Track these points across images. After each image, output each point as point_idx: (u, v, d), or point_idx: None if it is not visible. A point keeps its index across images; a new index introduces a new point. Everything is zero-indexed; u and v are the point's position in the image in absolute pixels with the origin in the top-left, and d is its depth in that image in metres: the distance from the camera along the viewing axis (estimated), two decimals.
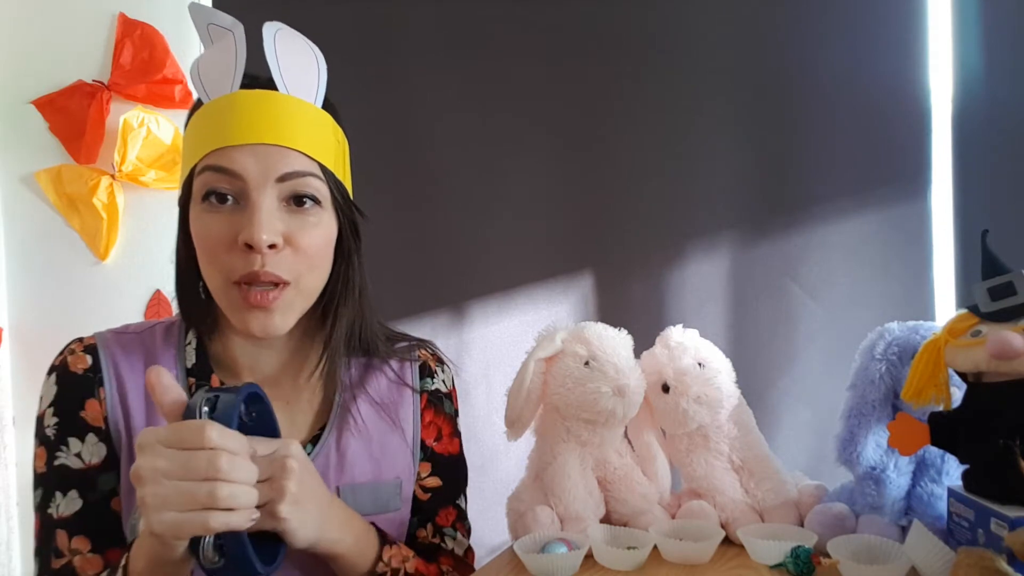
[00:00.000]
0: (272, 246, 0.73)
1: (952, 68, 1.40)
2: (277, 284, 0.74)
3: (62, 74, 1.74)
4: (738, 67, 1.51)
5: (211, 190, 0.74)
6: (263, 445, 0.66)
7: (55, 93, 1.74)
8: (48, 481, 0.78)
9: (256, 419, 0.69)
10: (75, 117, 1.72)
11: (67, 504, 0.77)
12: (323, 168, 0.77)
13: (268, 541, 0.67)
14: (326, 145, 0.78)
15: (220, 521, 0.58)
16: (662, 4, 1.53)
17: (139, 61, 1.72)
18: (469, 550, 0.93)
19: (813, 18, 1.47)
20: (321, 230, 0.77)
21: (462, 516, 0.93)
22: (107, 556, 0.77)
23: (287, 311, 0.76)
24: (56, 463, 0.77)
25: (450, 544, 0.90)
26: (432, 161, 1.62)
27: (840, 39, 1.46)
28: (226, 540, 0.60)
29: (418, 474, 0.89)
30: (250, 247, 0.72)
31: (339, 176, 0.80)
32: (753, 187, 1.51)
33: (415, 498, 0.89)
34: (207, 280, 0.77)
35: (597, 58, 1.56)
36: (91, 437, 0.78)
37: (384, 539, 0.79)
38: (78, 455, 0.78)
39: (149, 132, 1.71)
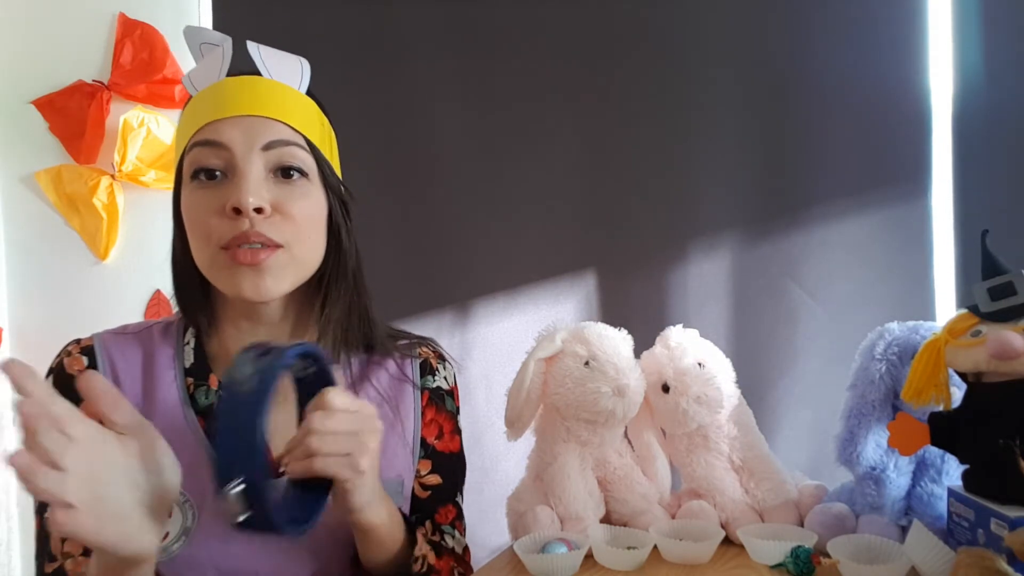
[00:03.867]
0: (259, 210, 0.73)
1: (952, 68, 1.40)
2: (268, 245, 0.74)
3: (62, 74, 1.74)
4: (739, 67, 1.51)
5: (200, 167, 0.75)
6: (349, 399, 0.68)
7: (55, 93, 1.74)
8: None
9: (314, 375, 0.70)
10: (75, 117, 1.72)
11: None
12: (309, 142, 0.79)
13: (307, 500, 0.68)
14: (311, 122, 0.80)
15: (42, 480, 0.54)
16: (663, 4, 1.53)
17: (139, 61, 1.72)
18: (466, 549, 0.93)
19: (814, 18, 1.47)
20: (310, 201, 0.78)
21: (460, 515, 0.93)
22: None
23: (279, 274, 0.76)
24: None
25: (450, 542, 0.90)
26: (433, 162, 1.62)
27: (840, 39, 1.46)
28: (251, 492, 0.60)
29: (418, 471, 0.89)
30: (238, 212, 0.73)
31: (326, 155, 0.81)
32: (754, 187, 1.51)
33: (414, 496, 0.89)
34: (197, 256, 0.77)
35: (598, 59, 1.56)
36: None
37: (413, 527, 0.80)
38: None
39: (149, 132, 1.71)
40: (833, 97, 1.46)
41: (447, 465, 0.91)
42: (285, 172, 0.76)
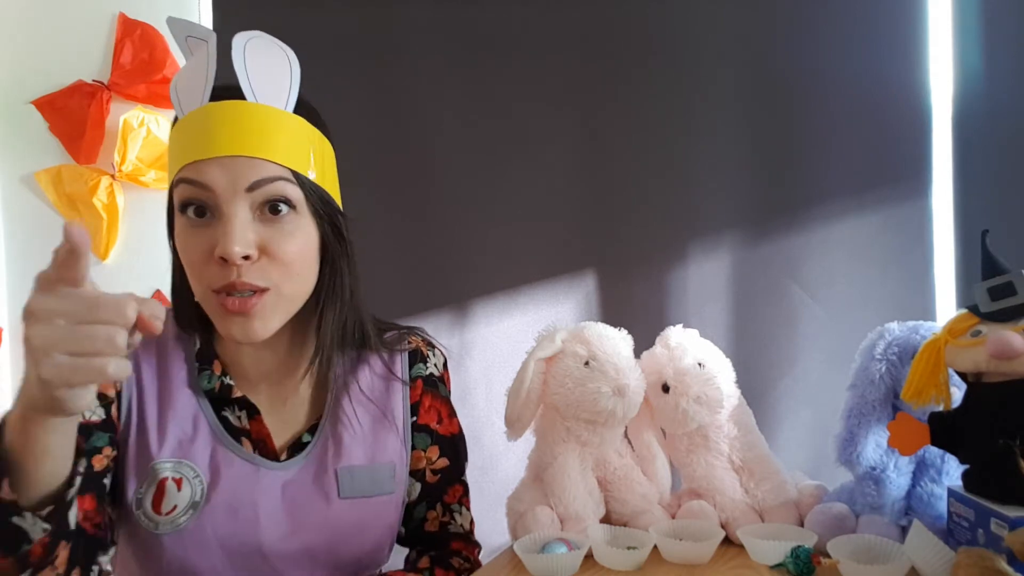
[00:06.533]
0: (246, 257, 0.73)
1: (952, 68, 1.40)
2: (256, 291, 0.75)
3: (62, 74, 1.74)
4: (739, 67, 1.51)
5: (186, 203, 0.75)
6: None
7: (55, 93, 1.74)
8: None
9: None
10: (75, 117, 1.72)
11: None
12: (296, 174, 0.77)
13: None
14: (299, 150, 0.77)
15: (119, 367, 0.56)
16: (663, 5, 1.53)
17: (139, 61, 1.72)
18: (471, 522, 0.98)
19: (814, 18, 1.47)
20: (298, 237, 0.77)
21: (467, 490, 0.98)
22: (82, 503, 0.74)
23: (268, 317, 0.76)
24: None
25: (458, 519, 0.95)
26: (433, 161, 1.62)
27: (841, 39, 1.46)
28: None
29: (428, 458, 0.93)
30: (225, 260, 0.73)
31: (317, 180, 0.79)
32: (754, 187, 1.51)
33: (425, 482, 0.93)
34: (192, 289, 0.78)
35: (598, 59, 1.56)
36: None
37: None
38: None
39: (149, 132, 1.71)
40: (833, 97, 1.46)
41: (451, 446, 0.95)
42: (272, 208, 0.75)
